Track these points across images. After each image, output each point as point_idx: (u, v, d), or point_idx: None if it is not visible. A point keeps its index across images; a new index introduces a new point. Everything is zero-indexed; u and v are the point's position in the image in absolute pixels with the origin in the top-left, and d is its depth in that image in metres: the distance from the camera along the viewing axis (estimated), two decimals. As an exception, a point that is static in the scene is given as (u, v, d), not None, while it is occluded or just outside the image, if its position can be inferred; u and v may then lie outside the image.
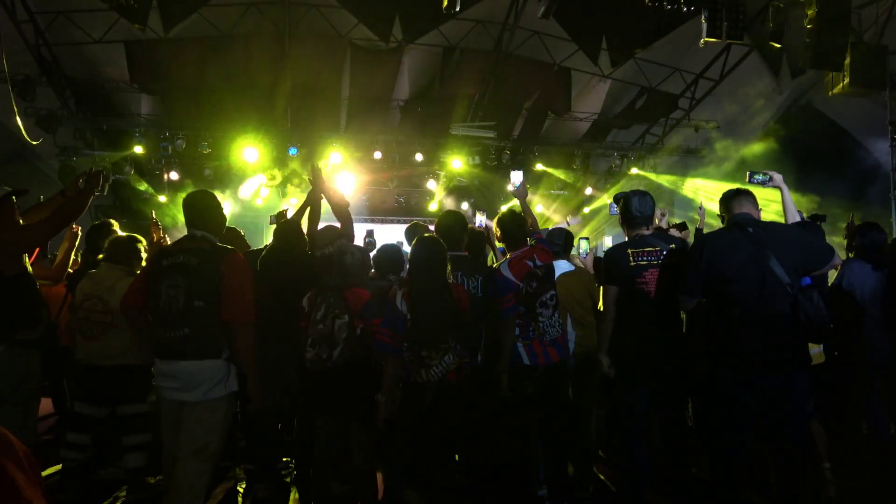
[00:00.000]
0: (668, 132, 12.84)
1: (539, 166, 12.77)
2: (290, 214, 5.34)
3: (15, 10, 8.49)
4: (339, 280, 3.70)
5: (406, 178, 13.49)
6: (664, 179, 13.08)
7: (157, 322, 3.25)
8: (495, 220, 4.13)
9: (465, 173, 12.93)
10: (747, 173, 4.06)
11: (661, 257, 3.68)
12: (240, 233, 5.20)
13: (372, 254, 4.39)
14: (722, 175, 12.27)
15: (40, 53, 9.48)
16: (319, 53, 10.70)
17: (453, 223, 4.06)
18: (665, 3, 8.66)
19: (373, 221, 15.03)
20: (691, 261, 3.46)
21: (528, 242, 4.05)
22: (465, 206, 14.10)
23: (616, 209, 4.03)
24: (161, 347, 3.26)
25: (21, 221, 3.85)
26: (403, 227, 14.26)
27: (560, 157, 12.76)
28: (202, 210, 3.40)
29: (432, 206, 14.18)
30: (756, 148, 12.05)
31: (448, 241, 3.84)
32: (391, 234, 13.96)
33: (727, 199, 3.54)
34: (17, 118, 9.33)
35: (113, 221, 4.93)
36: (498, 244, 4.43)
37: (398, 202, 14.88)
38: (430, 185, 13.58)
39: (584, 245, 4.82)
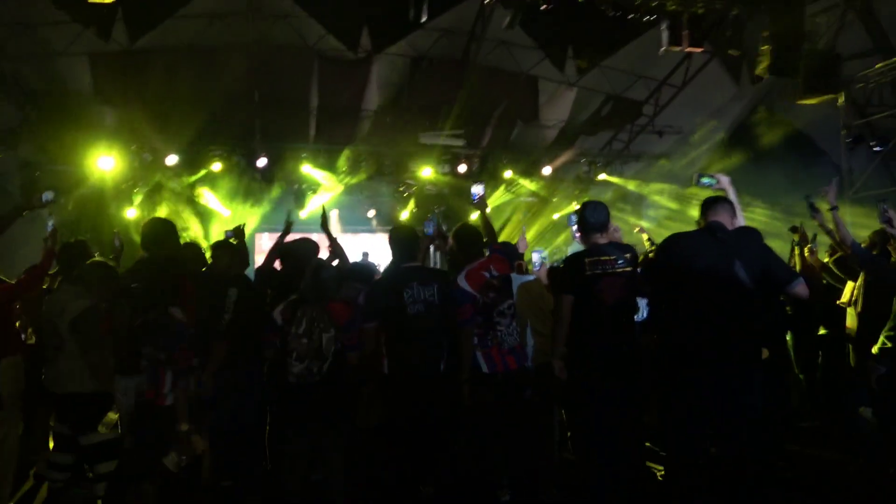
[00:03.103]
0: (633, 138, 13.09)
1: (508, 173, 12.90)
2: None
3: (-27, 23, 8.33)
4: (318, 294, 3.73)
5: (376, 187, 13.50)
6: (631, 185, 13.32)
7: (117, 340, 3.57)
8: (451, 233, 4.24)
9: (435, 181, 12.99)
10: (694, 176, 4.19)
11: (617, 265, 3.76)
12: (200, 248, 5.17)
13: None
14: (685, 180, 12.58)
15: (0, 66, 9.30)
16: (287, 64, 10.69)
17: (405, 236, 4.13)
18: (627, 14, 8.85)
19: (344, 233, 14.99)
20: (658, 252, 3.58)
21: (485, 254, 4.14)
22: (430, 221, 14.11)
23: (574, 221, 4.15)
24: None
25: None
26: (374, 236, 14.29)
27: (529, 165, 12.92)
28: (158, 235, 3.77)
29: (404, 215, 14.20)
30: (718, 153, 12.38)
31: (400, 252, 3.95)
32: (361, 244, 13.98)
33: (704, 207, 3.67)
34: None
35: (86, 243, 4.80)
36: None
37: (369, 212, 14.87)
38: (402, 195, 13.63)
39: (535, 257, 4.93)
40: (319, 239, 4.81)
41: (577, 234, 4.11)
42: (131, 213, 12.47)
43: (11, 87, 9.78)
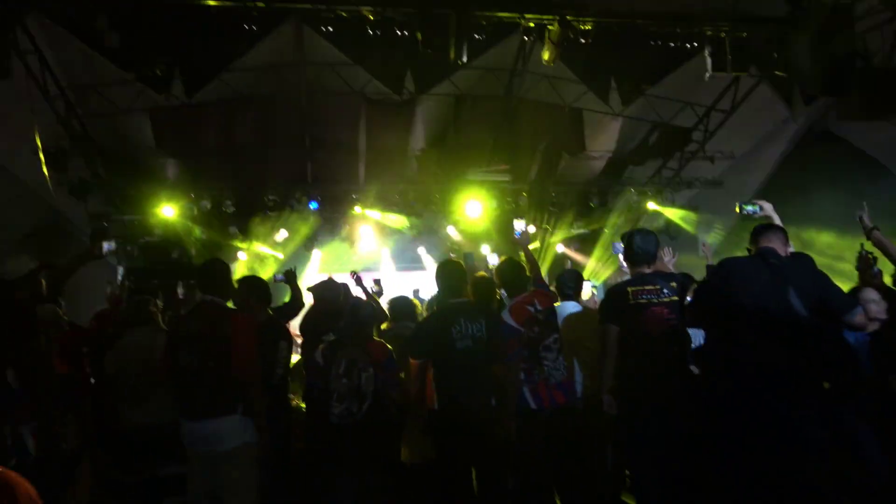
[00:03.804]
0: (683, 166, 12.86)
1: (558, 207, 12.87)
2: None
3: (47, 85, 8.94)
4: (356, 333, 3.78)
5: (425, 226, 13.64)
6: (677, 215, 13.04)
7: (178, 384, 3.56)
8: (495, 269, 4.25)
9: (482, 218, 13.05)
10: (737, 204, 4.09)
11: (662, 295, 3.67)
12: (263, 282, 5.28)
13: (383, 301, 4.51)
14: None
15: (71, 125, 9.93)
16: (336, 110, 11.04)
17: (451, 271, 4.15)
18: (669, 42, 8.82)
19: (396, 270, 15.17)
20: (711, 276, 3.48)
21: (529, 289, 4.13)
22: (484, 248, 14.19)
23: (620, 249, 4.09)
24: (183, 408, 3.56)
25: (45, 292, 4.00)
26: (424, 273, 14.37)
27: (577, 197, 12.85)
28: (215, 277, 3.77)
29: (452, 254, 14.27)
30: (775, 178, 12.02)
31: (447, 289, 3.97)
32: (413, 282, 14.09)
33: (756, 234, 3.57)
34: (51, 189, 9.81)
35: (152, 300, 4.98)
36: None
37: (419, 250, 15.01)
38: (450, 231, 13.73)
39: (587, 289, 4.89)
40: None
41: (624, 264, 4.04)
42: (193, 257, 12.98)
43: (82, 144, 10.40)
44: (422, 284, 13.52)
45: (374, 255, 14.54)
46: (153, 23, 7.93)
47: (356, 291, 5.39)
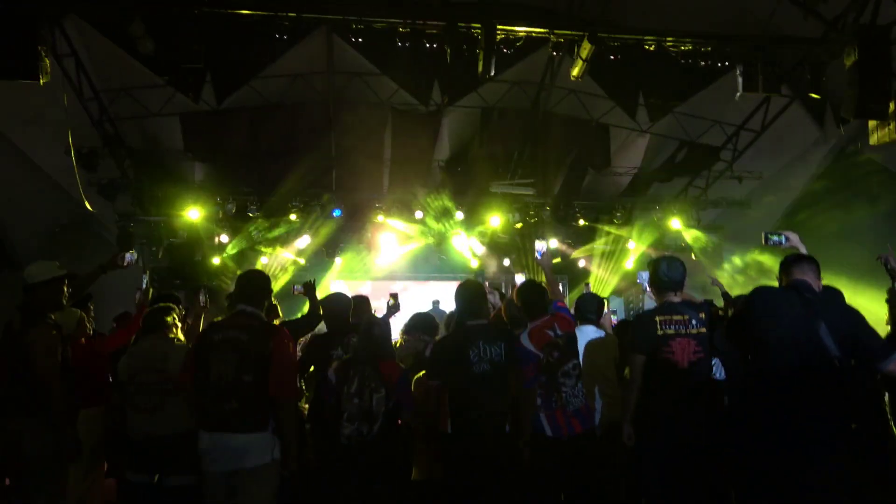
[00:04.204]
0: (710, 185, 12.70)
1: (581, 222, 12.78)
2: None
3: (82, 89, 9.12)
4: (370, 352, 3.74)
5: (448, 236, 13.61)
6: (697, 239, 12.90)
7: (205, 394, 3.41)
8: (515, 290, 4.18)
9: (505, 230, 13.01)
10: (763, 234, 3.99)
11: (690, 326, 3.60)
12: (273, 303, 5.30)
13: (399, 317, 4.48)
14: (768, 229, 12.02)
15: (103, 128, 10.11)
16: (362, 118, 11.09)
17: (471, 291, 4.08)
18: (699, 60, 8.73)
19: (416, 279, 15.19)
20: (744, 306, 3.38)
21: (549, 312, 4.06)
22: (506, 262, 14.14)
23: (645, 277, 4.02)
24: (208, 419, 3.40)
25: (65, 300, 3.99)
26: (444, 284, 14.39)
27: (602, 213, 12.75)
28: (255, 289, 3.68)
29: (473, 263, 14.24)
30: (804, 199, 11.81)
31: (467, 310, 3.91)
32: (432, 291, 14.10)
33: (788, 265, 3.43)
34: (80, 189, 9.98)
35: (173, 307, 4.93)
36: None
37: (440, 259, 15.00)
38: (472, 242, 13.68)
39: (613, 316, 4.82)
40: (371, 288, 4.86)
41: (649, 290, 3.97)
42: (215, 261, 13.12)
43: (113, 146, 10.58)
44: (442, 294, 13.54)
45: (395, 264, 14.58)
46: (186, 29, 8.03)
47: (378, 309, 5.38)
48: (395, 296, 5.00)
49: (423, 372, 4.09)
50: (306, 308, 4.86)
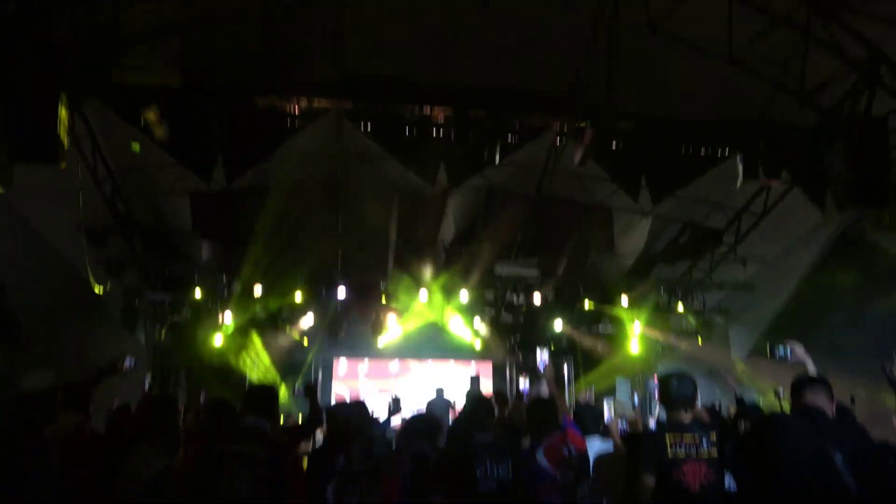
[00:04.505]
0: (714, 268, 12.73)
1: (585, 304, 12.76)
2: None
3: (96, 167, 9.34)
4: (370, 468, 3.65)
5: (451, 316, 13.58)
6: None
7: None
8: (525, 408, 4.10)
9: (509, 311, 12.99)
10: (767, 346, 3.96)
11: (701, 448, 3.47)
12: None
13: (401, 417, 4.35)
14: (773, 312, 12.02)
15: (115, 206, 10.28)
16: (369, 199, 11.29)
17: (479, 406, 4.03)
18: (700, 147, 8.93)
19: (418, 358, 15.04)
20: (756, 436, 3.24)
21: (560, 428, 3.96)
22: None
23: (654, 388, 3.97)
24: None
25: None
26: (449, 363, 14.22)
27: (607, 295, 12.74)
28: (265, 401, 3.61)
29: (477, 345, 14.13)
30: (808, 282, 11.81)
31: (475, 423, 3.84)
32: (435, 372, 13.94)
33: (800, 387, 3.36)
34: (88, 265, 10.05)
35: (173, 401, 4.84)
36: None
37: (443, 340, 14.88)
38: (476, 323, 13.62)
39: (606, 413, 4.69)
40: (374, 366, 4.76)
41: (660, 405, 3.89)
42: (218, 340, 13.03)
43: (122, 222, 10.73)
44: (443, 376, 13.39)
45: (398, 342, 14.46)
46: (200, 113, 8.31)
47: (381, 413, 5.25)
48: (396, 400, 4.90)
49: None
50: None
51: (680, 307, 12.76)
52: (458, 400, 8.40)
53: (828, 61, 8.15)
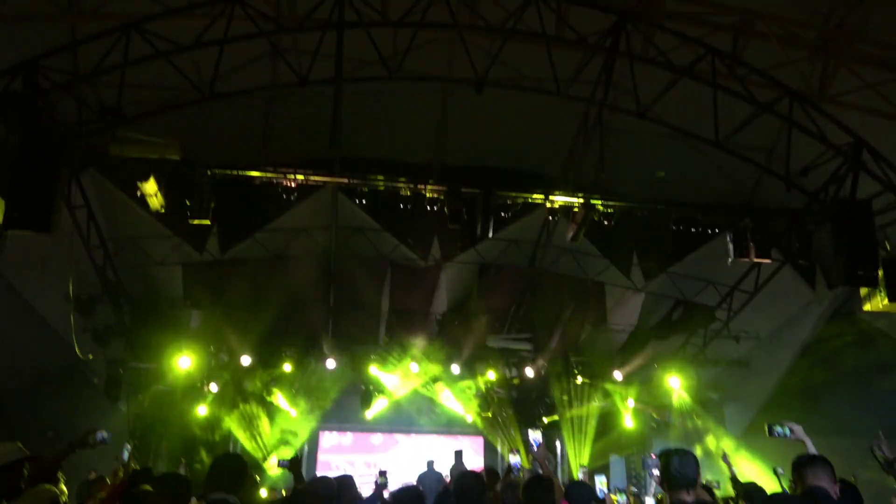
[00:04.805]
0: (707, 343, 12.67)
1: (579, 379, 12.62)
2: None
3: (89, 236, 9.33)
4: None
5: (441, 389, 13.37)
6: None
7: None
8: (521, 487, 3.95)
9: (501, 385, 12.81)
10: (766, 426, 3.91)
11: None
12: (255, 478, 5.00)
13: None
14: (768, 389, 11.93)
15: (105, 275, 10.22)
16: (362, 272, 11.30)
17: (471, 485, 3.86)
18: (690, 227, 9.05)
19: (408, 432, 14.70)
20: None
21: None
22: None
23: (654, 466, 3.87)
24: None
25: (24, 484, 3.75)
26: (439, 437, 13.90)
27: (599, 369, 12.63)
28: (232, 475, 3.31)
29: (468, 418, 13.85)
30: (802, 360, 11.76)
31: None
32: (425, 445, 13.61)
33: (801, 467, 3.29)
34: (74, 334, 9.88)
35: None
36: None
37: (434, 413, 14.59)
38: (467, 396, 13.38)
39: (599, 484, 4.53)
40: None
41: (657, 479, 3.77)
42: (202, 410, 12.73)
43: (112, 292, 10.64)
44: (437, 449, 13.05)
45: (388, 415, 14.18)
46: (199, 186, 8.38)
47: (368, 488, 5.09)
48: (383, 473, 4.74)
49: None
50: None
51: (675, 382, 12.60)
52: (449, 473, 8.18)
53: (811, 147, 8.39)
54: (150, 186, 7.58)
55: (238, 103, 8.28)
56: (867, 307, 9.49)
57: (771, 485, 5.57)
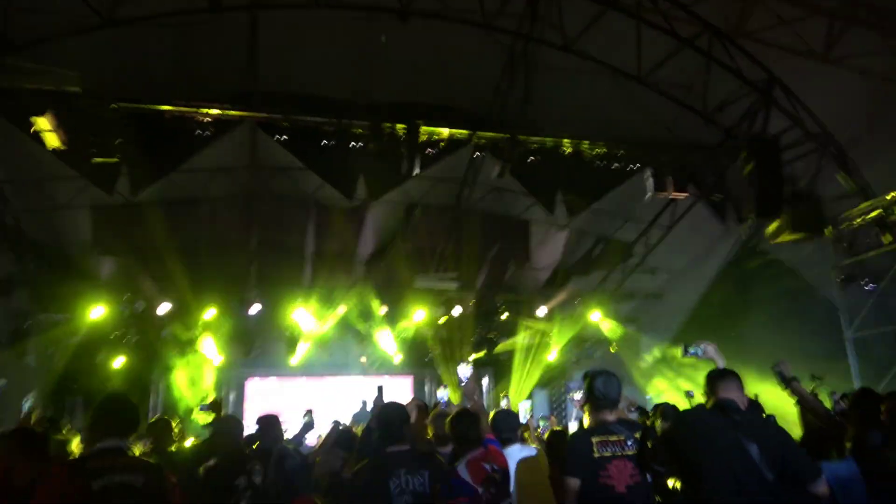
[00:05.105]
0: (625, 278, 13.19)
1: (503, 315, 12.90)
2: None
3: (-17, 179, 8.59)
4: (283, 487, 3.37)
5: (370, 331, 13.37)
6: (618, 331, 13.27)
7: None
8: (447, 420, 3.94)
9: (429, 325, 12.93)
10: (681, 347, 4.07)
11: (627, 447, 3.45)
12: (170, 424, 4.85)
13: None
14: (681, 319, 12.60)
15: (3, 220, 9.48)
16: (284, 212, 10.96)
17: (392, 414, 3.79)
18: (613, 163, 9.24)
19: (339, 375, 14.69)
20: (669, 437, 3.27)
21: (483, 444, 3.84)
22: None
23: (575, 389, 3.96)
24: None
25: None
26: (367, 379, 14.00)
27: (524, 305, 12.94)
28: (125, 419, 3.00)
29: (396, 359, 13.96)
30: (713, 290, 12.46)
31: (387, 434, 3.67)
32: (354, 387, 13.67)
33: (713, 380, 3.36)
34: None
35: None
36: None
37: (363, 355, 14.63)
38: (394, 337, 13.47)
39: (523, 412, 4.60)
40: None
41: (577, 402, 3.87)
42: (120, 361, 12.26)
43: (12, 238, 9.91)
44: (368, 390, 13.11)
45: (316, 358, 14.11)
46: (104, 122, 7.80)
47: (293, 428, 5.01)
48: (309, 412, 4.66)
49: None
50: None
51: (596, 316, 13.11)
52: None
53: (728, 83, 8.66)
54: (45, 122, 6.96)
55: (145, 32, 7.67)
56: (773, 239, 10.13)
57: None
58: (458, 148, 9.81)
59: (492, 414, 4.56)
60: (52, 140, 7.25)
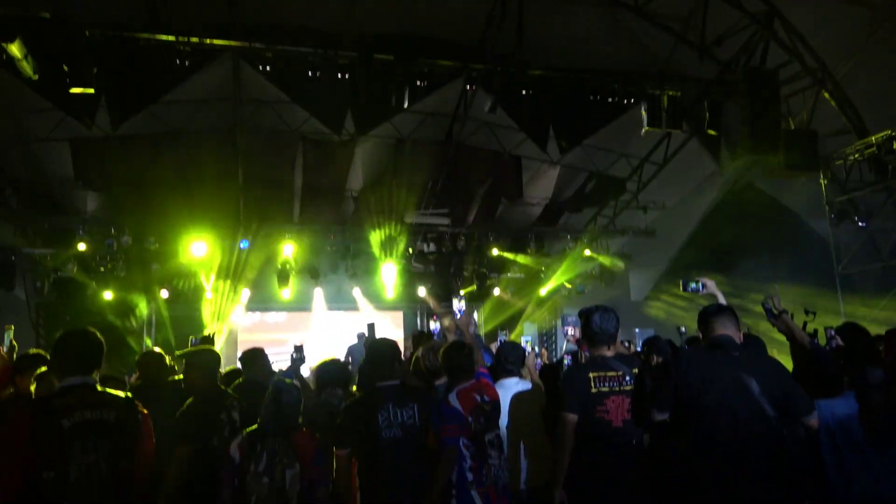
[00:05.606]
0: (617, 214, 13.14)
1: (495, 251, 12.87)
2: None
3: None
4: (280, 423, 3.29)
5: (361, 267, 13.35)
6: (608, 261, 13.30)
7: (69, 501, 2.61)
8: (441, 351, 3.92)
9: (420, 260, 12.91)
10: (680, 282, 4.00)
11: (625, 382, 3.46)
12: (162, 357, 4.81)
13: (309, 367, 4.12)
14: (673, 255, 12.61)
15: (-20, 154, 9.25)
16: (271, 146, 10.72)
17: (381, 349, 3.77)
18: (607, 97, 9.01)
19: (330, 310, 14.80)
20: (667, 376, 3.22)
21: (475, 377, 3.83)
22: (421, 291, 14.00)
23: (570, 325, 3.94)
24: None
25: None
26: (359, 315, 14.08)
27: (515, 242, 12.90)
28: (90, 354, 2.87)
29: (389, 295, 14.01)
30: (702, 228, 12.45)
31: (375, 370, 3.64)
32: (347, 322, 13.78)
33: (707, 317, 3.27)
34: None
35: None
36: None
37: (355, 290, 14.69)
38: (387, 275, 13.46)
39: (528, 351, 4.55)
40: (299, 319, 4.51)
41: (570, 336, 3.86)
42: (108, 295, 12.25)
43: (-8, 173, 9.70)
44: (355, 326, 13.21)
45: (307, 294, 14.17)
46: (78, 50, 7.45)
47: (280, 364, 5.00)
48: (299, 348, 4.61)
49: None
50: None
51: (586, 253, 13.12)
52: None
53: (725, 17, 8.36)
54: (18, 49, 6.64)
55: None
56: (767, 176, 10.04)
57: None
58: (448, 81, 9.53)
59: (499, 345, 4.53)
60: (25, 68, 6.94)
